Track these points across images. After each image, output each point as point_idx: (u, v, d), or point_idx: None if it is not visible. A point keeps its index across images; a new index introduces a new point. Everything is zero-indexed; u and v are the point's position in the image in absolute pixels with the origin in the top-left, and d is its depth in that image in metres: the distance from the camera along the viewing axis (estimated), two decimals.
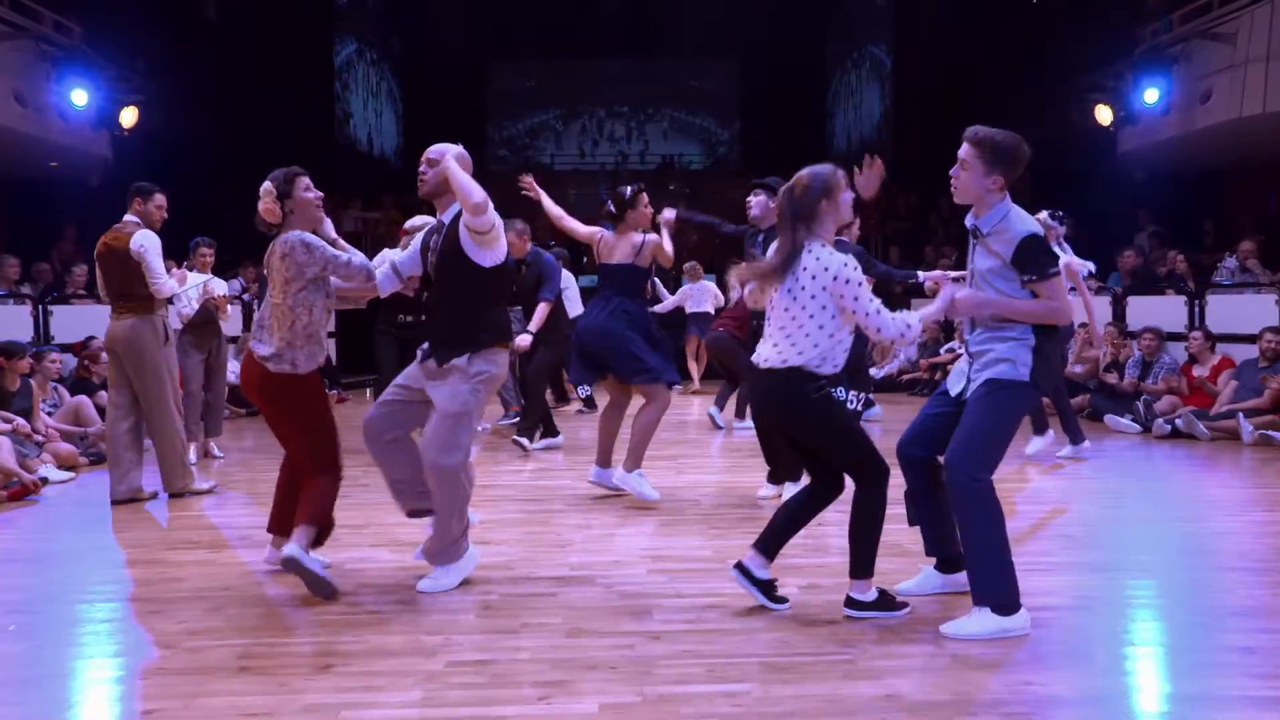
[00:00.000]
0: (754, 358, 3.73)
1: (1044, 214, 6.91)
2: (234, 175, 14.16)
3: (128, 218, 6.06)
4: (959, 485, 3.48)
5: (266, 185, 3.91)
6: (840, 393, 3.64)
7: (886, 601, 3.69)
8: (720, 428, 8.69)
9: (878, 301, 3.57)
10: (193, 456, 7.15)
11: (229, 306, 7.38)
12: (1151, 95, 11.53)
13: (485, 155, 20.91)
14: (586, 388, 6.85)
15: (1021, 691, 3.01)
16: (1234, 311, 9.16)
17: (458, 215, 4.03)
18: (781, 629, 3.54)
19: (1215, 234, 12.59)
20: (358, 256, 4.09)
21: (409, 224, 6.94)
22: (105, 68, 11.35)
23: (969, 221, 3.67)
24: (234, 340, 10.45)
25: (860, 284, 3.52)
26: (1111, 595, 3.98)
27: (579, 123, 22.07)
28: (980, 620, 3.46)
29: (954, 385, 3.73)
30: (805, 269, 3.56)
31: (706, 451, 7.67)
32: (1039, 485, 6.29)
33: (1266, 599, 3.93)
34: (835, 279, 3.52)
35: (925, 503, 3.86)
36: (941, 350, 12.27)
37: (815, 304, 3.55)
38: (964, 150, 3.58)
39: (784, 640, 3.44)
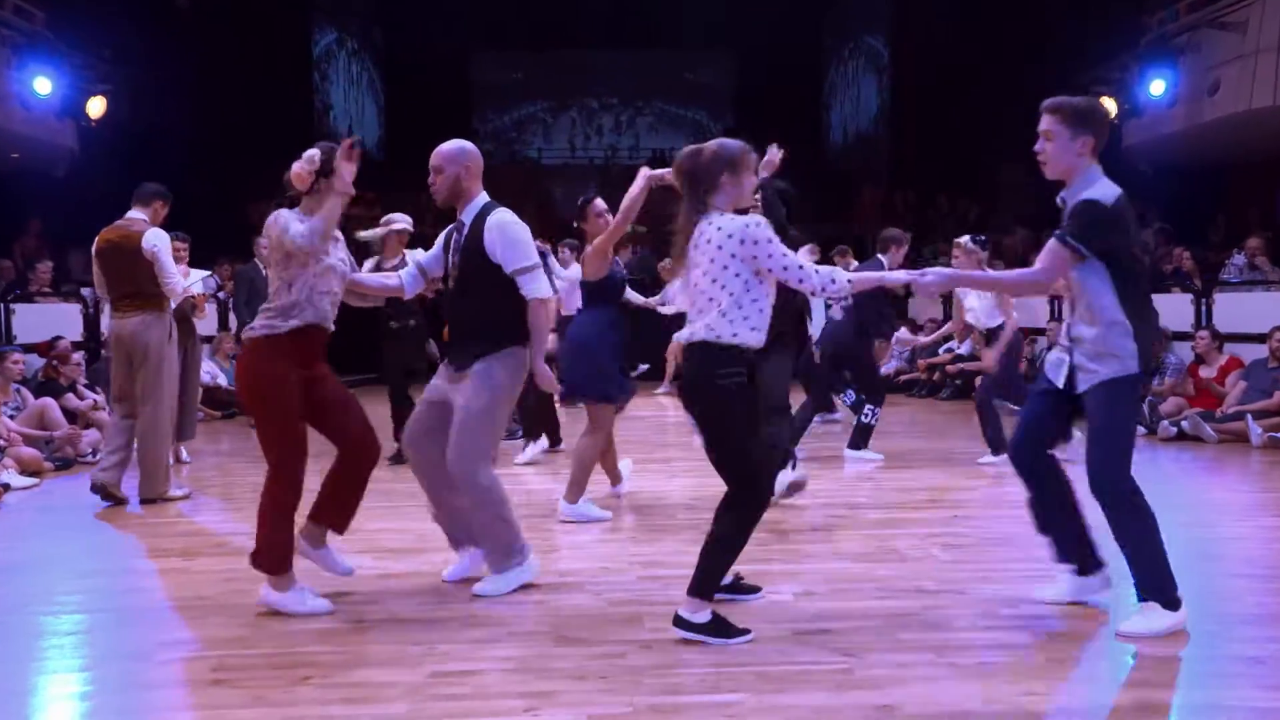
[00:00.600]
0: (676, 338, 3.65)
1: (965, 238, 7.15)
2: (208, 169, 14.11)
3: (134, 214, 6.14)
4: (1106, 496, 3.53)
5: (313, 152, 3.83)
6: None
7: (721, 626, 3.51)
8: None
9: (794, 255, 3.52)
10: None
11: (205, 304, 7.36)
12: (1157, 87, 11.56)
13: None
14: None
15: (1021, 702, 3.02)
16: (1242, 310, 9.20)
17: (479, 214, 4.08)
18: (776, 637, 3.55)
19: (1223, 230, 12.65)
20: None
21: (390, 223, 6.93)
22: (70, 55, 11.24)
23: (1060, 193, 3.66)
24: (208, 340, 10.44)
25: (770, 240, 3.46)
26: (1116, 602, 3.99)
27: (568, 115, 22.06)
28: (1153, 617, 3.52)
29: (1056, 375, 3.69)
30: (709, 240, 3.48)
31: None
32: None
33: (1275, 607, 3.95)
34: (743, 242, 3.45)
35: (1050, 508, 3.82)
36: (940, 350, 12.30)
37: (728, 274, 3.46)
38: (1045, 122, 3.60)
39: (779, 649, 3.45)
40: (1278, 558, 4.74)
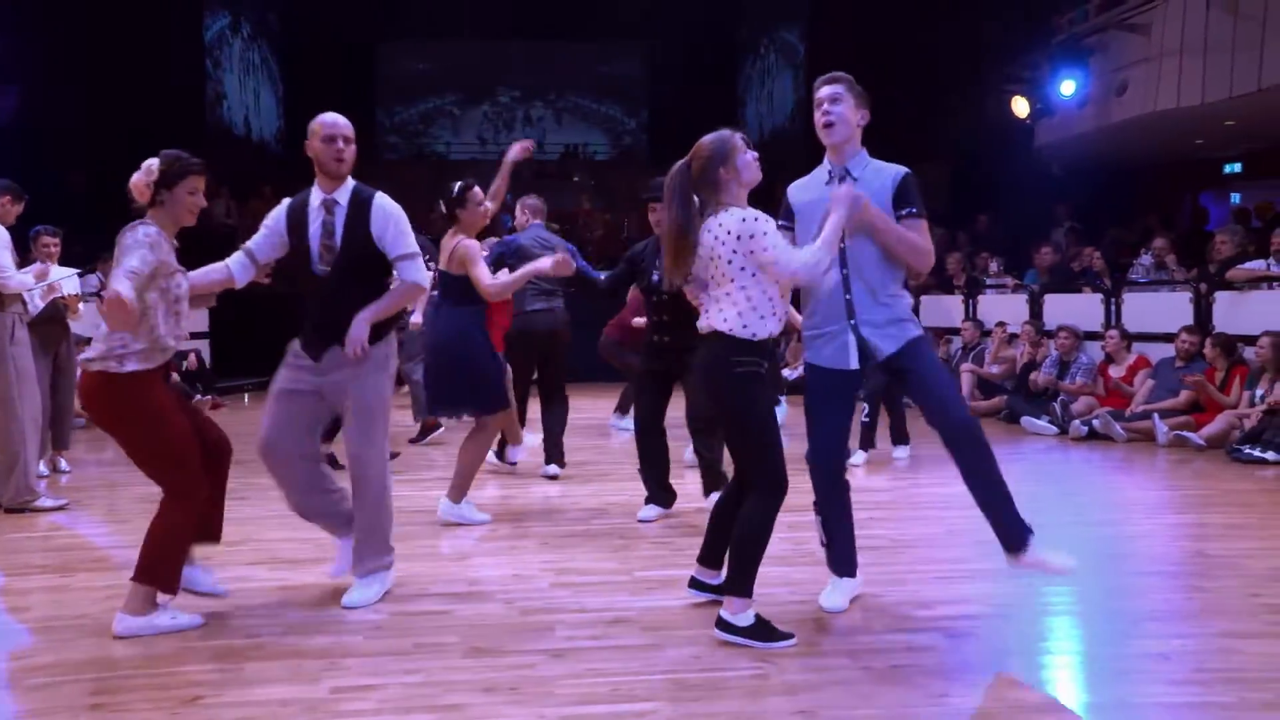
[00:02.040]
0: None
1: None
2: (87, 159, 13.62)
3: None
4: (976, 435, 3.74)
5: (151, 161, 3.72)
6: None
7: (764, 630, 3.56)
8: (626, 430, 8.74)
9: (786, 243, 3.58)
10: (43, 469, 6.86)
11: (80, 305, 7.09)
12: (1068, 87, 11.97)
13: (375, 143, 20.53)
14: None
15: (939, 704, 3.10)
16: (1150, 309, 9.58)
17: (355, 196, 4.05)
18: (691, 644, 3.57)
19: (1132, 230, 13.16)
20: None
21: None
22: None
23: (834, 169, 3.86)
24: (87, 341, 10.07)
25: (766, 233, 3.53)
26: (1028, 602, 4.12)
27: (477, 109, 21.88)
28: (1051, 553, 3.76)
29: (845, 360, 3.83)
30: (715, 237, 3.56)
31: (611, 458, 7.68)
32: (953, 490, 6.43)
33: (1180, 603, 4.12)
34: (740, 237, 3.52)
35: (842, 516, 3.97)
36: None
37: (733, 268, 3.55)
38: (831, 89, 3.85)
39: (694, 655, 3.47)
40: (1183, 554, 4.94)
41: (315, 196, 4.08)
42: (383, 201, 4.07)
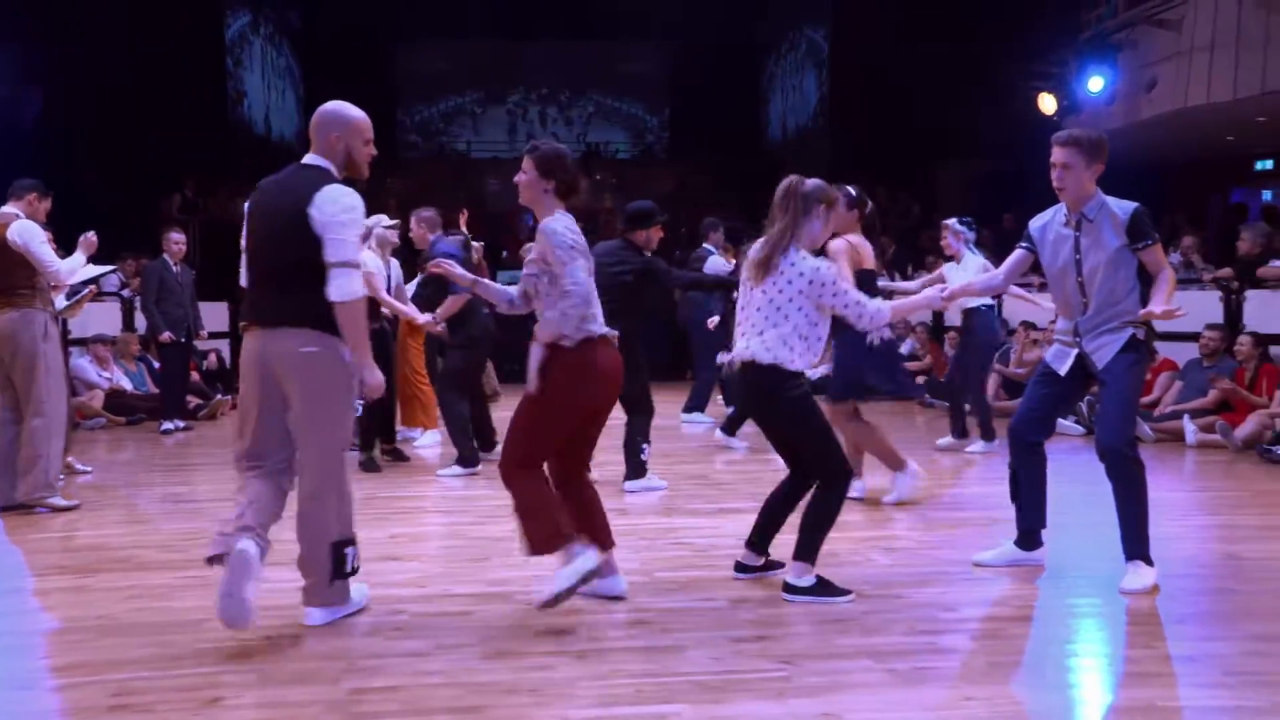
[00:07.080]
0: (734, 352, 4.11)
1: (953, 220, 7.67)
2: (110, 159, 13.75)
3: (6, 209, 6.05)
4: (1120, 457, 4.23)
5: None
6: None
7: (825, 587, 4.05)
8: None
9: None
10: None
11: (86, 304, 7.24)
12: (1096, 84, 11.88)
13: (395, 141, 20.63)
14: None
15: (962, 707, 3.09)
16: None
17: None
18: (715, 646, 3.57)
19: (1161, 228, 13.06)
20: None
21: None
22: None
23: (1069, 215, 4.30)
24: (110, 343, 10.22)
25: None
26: (1054, 605, 4.11)
27: (498, 108, 21.98)
28: (1141, 574, 4.17)
29: (1060, 364, 4.39)
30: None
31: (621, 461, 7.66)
32: (979, 491, 6.44)
33: (1207, 606, 4.09)
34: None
35: (1027, 483, 4.52)
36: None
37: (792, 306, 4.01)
38: (1063, 154, 4.20)
39: (717, 657, 3.48)
40: (1211, 557, 4.90)
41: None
42: None
